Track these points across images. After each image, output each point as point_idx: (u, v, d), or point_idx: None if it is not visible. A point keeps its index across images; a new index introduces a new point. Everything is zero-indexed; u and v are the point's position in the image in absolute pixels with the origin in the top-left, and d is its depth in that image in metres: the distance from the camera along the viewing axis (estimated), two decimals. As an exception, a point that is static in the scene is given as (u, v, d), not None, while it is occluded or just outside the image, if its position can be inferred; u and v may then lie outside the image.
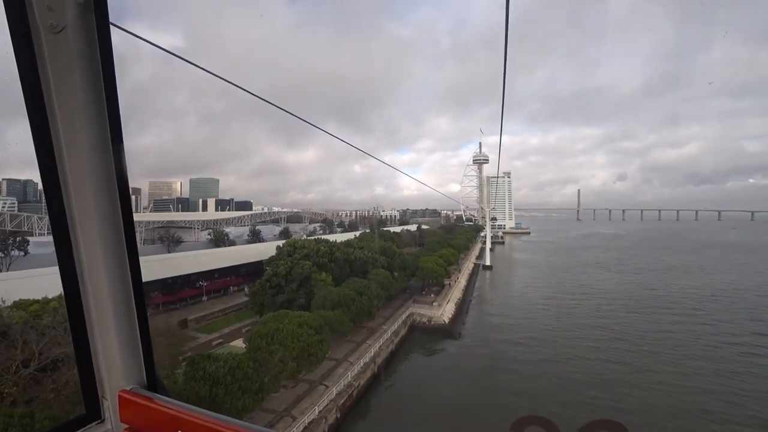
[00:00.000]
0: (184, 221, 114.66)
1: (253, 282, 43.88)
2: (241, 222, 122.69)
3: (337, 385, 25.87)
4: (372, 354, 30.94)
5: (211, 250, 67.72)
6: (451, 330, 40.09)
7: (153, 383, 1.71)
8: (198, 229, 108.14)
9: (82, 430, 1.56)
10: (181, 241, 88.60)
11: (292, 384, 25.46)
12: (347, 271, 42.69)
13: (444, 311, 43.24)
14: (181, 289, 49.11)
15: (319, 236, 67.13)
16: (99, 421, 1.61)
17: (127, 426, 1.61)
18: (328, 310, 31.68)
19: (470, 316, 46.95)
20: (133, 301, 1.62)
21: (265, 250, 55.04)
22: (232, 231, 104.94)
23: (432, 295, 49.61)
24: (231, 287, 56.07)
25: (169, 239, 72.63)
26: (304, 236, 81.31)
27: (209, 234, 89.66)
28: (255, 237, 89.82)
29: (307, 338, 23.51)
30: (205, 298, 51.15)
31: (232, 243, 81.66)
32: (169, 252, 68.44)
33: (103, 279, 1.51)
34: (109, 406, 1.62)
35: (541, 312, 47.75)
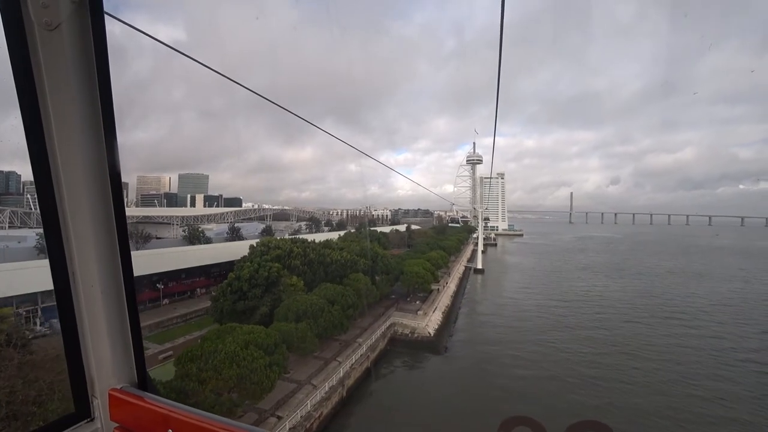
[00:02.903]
0: (163, 217, 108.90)
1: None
2: (224, 219, 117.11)
3: (293, 416, 21.24)
4: (341, 375, 26.33)
5: (181, 248, 62.60)
6: (436, 343, 35.55)
7: (143, 382, 1.68)
8: (177, 225, 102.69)
9: (71, 428, 1.53)
10: (156, 238, 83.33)
11: (238, 415, 20.81)
12: (321, 275, 38.06)
13: (429, 321, 38.75)
14: (140, 291, 44.18)
15: (298, 236, 62.27)
16: (88, 419, 1.58)
17: (117, 425, 1.59)
18: (291, 322, 27.07)
19: (458, 327, 42.55)
20: (125, 297, 1.58)
21: (238, 249, 50.26)
22: (213, 228, 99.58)
23: (417, 302, 45.15)
24: (198, 289, 51.22)
25: (137, 236, 67.02)
26: (287, 235, 76.48)
27: (184, 231, 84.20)
28: (234, 235, 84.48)
29: (251, 363, 18.84)
30: (166, 301, 46.26)
31: (208, 240, 76.41)
32: (137, 249, 63.12)
33: (94, 275, 1.49)
34: (99, 405, 1.59)
35: (535, 321, 43.72)
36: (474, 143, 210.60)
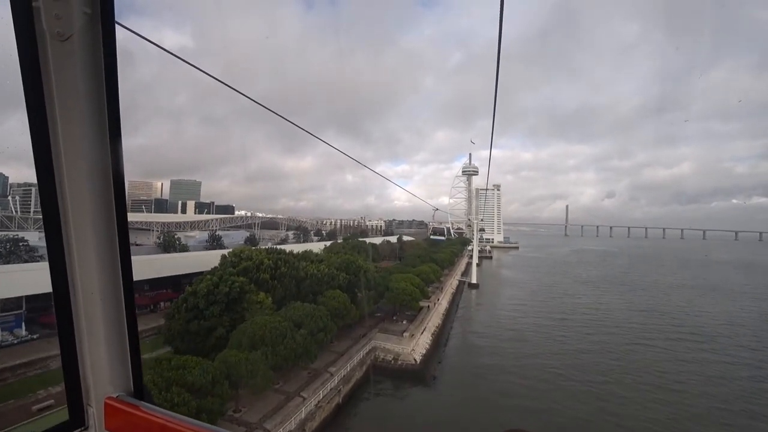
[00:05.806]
0: (143, 222, 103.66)
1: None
2: (208, 226, 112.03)
3: (231, 479, 16.49)
4: (303, 416, 21.56)
5: (148, 256, 57.65)
6: (423, 372, 30.81)
7: (140, 391, 1.63)
8: (157, 231, 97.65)
9: None
10: (136, 244, 78.19)
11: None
12: (293, 291, 33.42)
13: (416, 345, 34.05)
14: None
15: (282, 245, 57.63)
16: (83, 428, 1.53)
17: None
18: (245, 349, 22.36)
19: (450, 350, 37.87)
20: (123, 304, 1.55)
21: (213, 259, 45.55)
22: (195, 236, 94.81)
23: (404, 322, 40.50)
24: (162, 302, 46.16)
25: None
26: (270, 244, 71.76)
27: (158, 238, 79.20)
28: (215, 243, 79.53)
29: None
30: (123, 317, 41.10)
31: (185, 248, 71.33)
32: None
33: (94, 280, 1.46)
34: (94, 413, 1.54)
35: (534, 344, 39.34)
36: (470, 154, 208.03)
